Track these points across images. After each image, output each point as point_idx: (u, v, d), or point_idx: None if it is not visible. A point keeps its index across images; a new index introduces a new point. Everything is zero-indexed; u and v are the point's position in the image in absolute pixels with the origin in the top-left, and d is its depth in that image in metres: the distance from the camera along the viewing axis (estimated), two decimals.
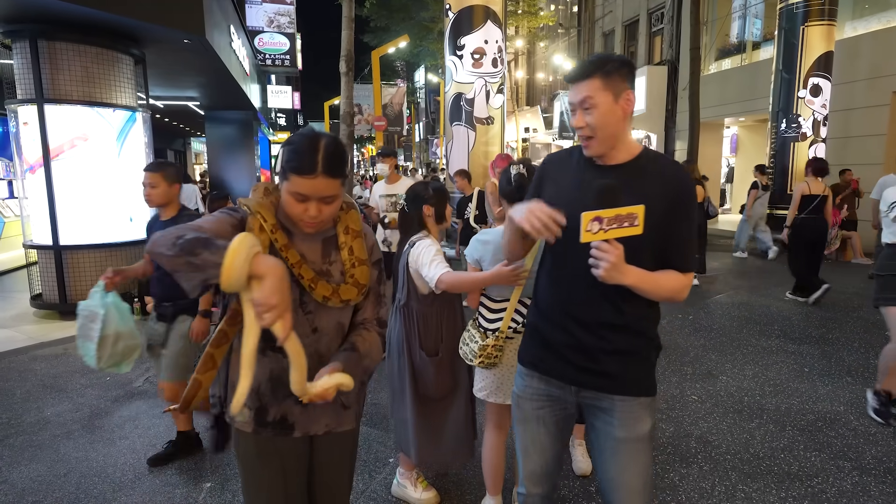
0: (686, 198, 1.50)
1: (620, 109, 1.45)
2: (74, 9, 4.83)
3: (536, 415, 1.63)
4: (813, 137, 8.85)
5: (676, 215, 1.46)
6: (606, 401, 1.51)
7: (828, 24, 8.67)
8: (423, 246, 2.29)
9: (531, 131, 23.40)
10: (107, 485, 2.73)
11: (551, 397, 1.60)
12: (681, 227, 1.48)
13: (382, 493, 2.62)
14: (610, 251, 1.35)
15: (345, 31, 10.25)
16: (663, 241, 1.46)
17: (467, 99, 8.35)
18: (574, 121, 1.50)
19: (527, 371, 1.65)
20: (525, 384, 1.66)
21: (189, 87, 9.78)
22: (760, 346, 4.67)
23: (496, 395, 2.21)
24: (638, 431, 1.50)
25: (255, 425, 1.45)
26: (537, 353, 1.62)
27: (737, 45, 13.61)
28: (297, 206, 1.34)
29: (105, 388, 3.98)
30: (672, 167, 1.53)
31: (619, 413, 1.50)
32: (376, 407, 3.55)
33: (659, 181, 1.47)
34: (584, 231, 1.34)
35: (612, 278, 1.37)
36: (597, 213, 1.34)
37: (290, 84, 21.56)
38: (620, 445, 1.50)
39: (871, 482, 2.66)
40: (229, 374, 1.46)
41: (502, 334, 2.13)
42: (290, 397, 1.44)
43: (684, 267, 1.49)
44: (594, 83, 1.44)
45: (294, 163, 1.31)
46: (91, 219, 5.59)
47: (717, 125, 13.83)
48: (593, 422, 1.57)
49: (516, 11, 18.52)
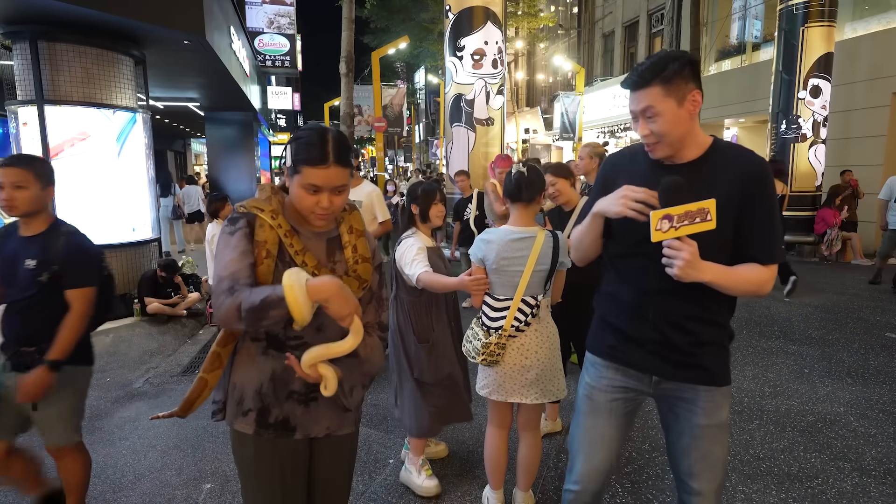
0: (762, 185, 1.43)
1: (686, 112, 1.40)
2: (75, 10, 4.83)
3: (609, 406, 1.62)
4: (813, 138, 8.84)
5: (753, 204, 1.41)
6: (690, 391, 1.53)
7: (828, 26, 8.67)
8: (406, 245, 2.47)
9: (531, 132, 23.42)
10: (106, 486, 2.73)
11: (627, 388, 1.61)
12: (758, 217, 1.41)
13: (382, 494, 2.62)
14: (683, 248, 1.33)
15: (345, 32, 10.28)
16: (741, 233, 1.42)
17: (467, 100, 8.35)
18: (637, 128, 1.45)
19: (604, 362, 1.64)
20: (600, 374, 1.64)
21: (189, 88, 9.78)
22: (760, 347, 4.67)
23: (498, 393, 2.23)
24: (720, 418, 1.53)
25: (256, 427, 1.44)
26: (616, 345, 1.60)
27: (737, 46, 13.61)
28: (310, 198, 1.36)
29: (105, 389, 3.98)
30: (745, 155, 1.47)
31: (703, 402, 1.52)
32: (376, 408, 3.55)
33: (732, 172, 1.42)
34: (654, 230, 1.33)
35: (689, 276, 1.34)
36: (666, 210, 1.32)
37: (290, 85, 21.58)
38: (703, 431, 1.52)
39: (871, 483, 2.66)
40: (231, 377, 1.46)
41: (505, 332, 2.14)
42: (291, 398, 1.45)
43: (766, 258, 1.43)
44: (654, 91, 1.38)
45: (306, 154, 1.34)
46: (91, 220, 5.59)
47: (717, 126, 13.82)
48: (675, 410, 1.58)
49: (516, 13, 18.53)
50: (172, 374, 4.25)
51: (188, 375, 4.24)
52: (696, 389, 1.52)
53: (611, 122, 15.55)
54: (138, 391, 3.94)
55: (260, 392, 1.44)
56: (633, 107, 1.45)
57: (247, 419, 1.44)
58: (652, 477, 2.73)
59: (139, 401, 3.77)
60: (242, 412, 1.45)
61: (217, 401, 1.49)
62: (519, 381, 2.19)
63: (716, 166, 1.44)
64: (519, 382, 2.20)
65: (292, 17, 17.35)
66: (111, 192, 5.68)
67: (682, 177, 1.38)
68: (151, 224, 6.21)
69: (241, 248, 1.35)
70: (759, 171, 1.44)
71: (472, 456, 2.92)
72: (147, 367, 4.43)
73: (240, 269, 1.32)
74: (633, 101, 1.43)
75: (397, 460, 2.91)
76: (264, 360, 1.43)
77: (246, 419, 1.44)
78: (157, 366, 4.46)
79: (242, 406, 1.45)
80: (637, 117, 1.44)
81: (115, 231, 5.76)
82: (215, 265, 1.38)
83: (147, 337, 5.11)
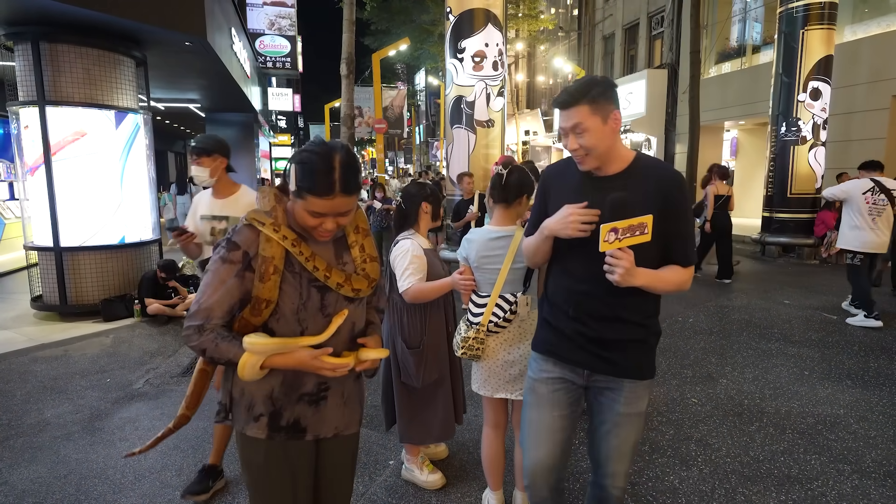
0: (680, 197, 1.62)
1: (609, 129, 1.58)
2: (76, 11, 4.84)
3: (552, 397, 1.77)
4: (813, 141, 8.85)
5: (671, 215, 1.58)
6: (616, 383, 1.69)
7: (827, 28, 8.68)
8: (401, 250, 2.44)
9: (531, 134, 23.43)
10: (107, 486, 2.73)
11: (564, 379, 1.76)
12: (676, 226, 1.60)
13: (383, 495, 2.62)
14: (623, 258, 1.49)
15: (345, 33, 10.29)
16: (665, 240, 1.59)
17: (468, 102, 8.35)
18: (567, 143, 1.60)
19: (542, 357, 1.80)
20: (541, 368, 1.80)
21: (190, 90, 9.79)
22: (760, 349, 4.67)
23: (485, 388, 2.30)
24: (639, 407, 1.71)
25: (268, 431, 1.44)
26: (553, 342, 1.76)
27: (737, 48, 13.63)
28: (313, 220, 1.36)
29: (105, 389, 3.98)
30: (664, 168, 1.67)
31: (626, 393, 1.68)
32: (376, 410, 3.55)
33: (652, 183, 1.60)
34: (603, 241, 1.49)
35: (627, 282, 1.51)
36: (613, 224, 1.48)
37: (290, 86, 21.63)
38: (622, 419, 1.69)
39: (871, 485, 2.66)
40: (238, 384, 1.45)
41: (482, 327, 2.19)
42: (302, 400, 1.46)
43: (685, 261, 1.63)
44: (582, 110, 1.55)
45: (310, 183, 1.30)
46: (92, 221, 5.59)
47: (718, 128, 13.84)
48: (600, 398, 1.74)
49: (517, 15, 18.55)
50: (172, 375, 4.25)
51: (188, 376, 4.24)
52: (621, 382, 1.68)
53: None
54: (138, 392, 3.94)
55: (271, 396, 1.44)
56: (563, 124, 1.60)
57: (258, 424, 1.44)
58: (652, 479, 2.73)
59: (139, 401, 3.77)
60: (253, 417, 1.44)
61: (221, 403, 1.51)
62: (503, 376, 2.24)
63: (637, 178, 1.61)
64: (503, 378, 2.24)
65: (293, 18, 17.39)
66: (112, 194, 5.69)
67: (612, 187, 1.58)
68: (151, 225, 6.22)
69: (227, 283, 1.37)
70: (676, 183, 1.61)
71: (471, 457, 2.92)
72: (147, 368, 4.43)
73: (216, 306, 1.37)
74: (564, 119, 1.59)
75: (397, 461, 2.91)
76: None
77: (258, 424, 1.44)
78: (158, 367, 4.46)
79: (253, 411, 1.44)
80: (567, 133, 1.59)
81: (116, 232, 5.76)
82: (203, 282, 1.41)
83: (147, 338, 5.11)
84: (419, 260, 2.41)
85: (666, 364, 4.33)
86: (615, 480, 1.73)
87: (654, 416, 3.40)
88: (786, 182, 9.13)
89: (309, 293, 1.41)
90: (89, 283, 5.63)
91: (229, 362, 1.36)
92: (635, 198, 1.55)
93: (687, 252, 1.63)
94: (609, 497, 1.75)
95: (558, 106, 1.60)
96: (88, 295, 5.62)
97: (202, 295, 1.37)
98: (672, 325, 5.39)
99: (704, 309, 6.02)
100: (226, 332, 1.37)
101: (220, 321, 1.37)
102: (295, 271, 1.40)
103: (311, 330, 1.43)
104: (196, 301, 1.38)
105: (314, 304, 1.43)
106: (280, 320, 1.41)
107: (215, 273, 1.38)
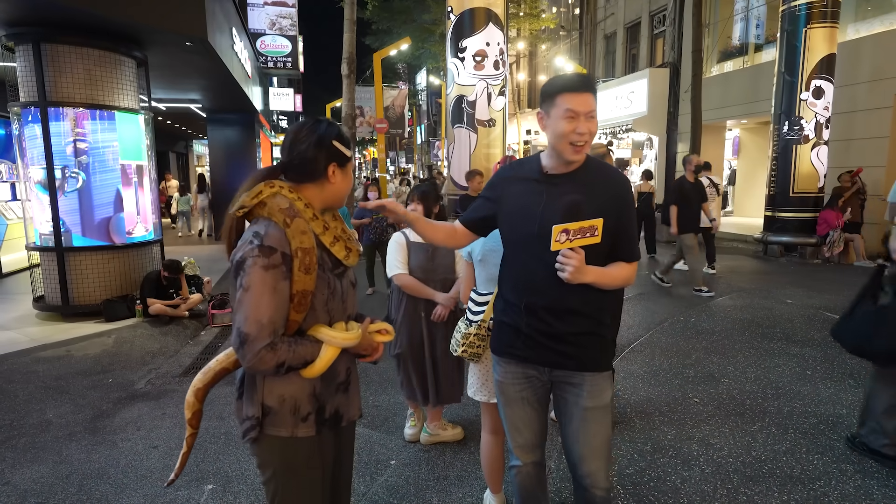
0: (628, 198, 1.74)
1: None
2: (77, 11, 4.85)
3: (520, 396, 1.83)
4: (815, 140, 8.82)
5: (621, 214, 1.69)
6: (577, 377, 1.74)
7: (830, 27, 8.65)
8: (393, 242, 2.91)
9: (533, 133, 23.41)
10: (109, 486, 2.74)
11: (528, 377, 1.81)
12: (623, 225, 1.70)
13: (384, 495, 2.62)
14: (573, 257, 1.58)
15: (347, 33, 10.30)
16: (613, 238, 1.68)
17: (469, 101, 8.35)
18: (579, 127, 1.62)
19: (503, 359, 1.85)
20: (505, 371, 1.85)
21: (191, 90, 9.79)
22: (763, 348, 4.66)
23: (481, 393, 2.32)
24: (603, 400, 1.76)
25: (316, 426, 1.44)
26: (511, 342, 1.80)
27: (739, 47, 13.59)
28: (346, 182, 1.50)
29: (107, 390, 3.99)
30: (612, 171, 1.77)
31: (588, 386, 1.73)
32: (377, 409, 3.55)
33: (605, 184, 1.70)
34: (554, 241, 1.57)
35: (576, 279, 1.59)
36: (565, 225, 1.56)
37: (291, 86, 21.60)
38: (588, 413, 1.74)
39: (874, 485, 2.65)
40: (274, 391, 1.42)
41: (484, 324, 2.20)
42: (339, 391, 1.50)
43: (630, 257, 1.74)
44: (594, 98, 1.65)
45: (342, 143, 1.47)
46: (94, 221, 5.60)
47: (719, 127, 13.80)
48: (564, 395, 1.79)
49: (518, 14, 18.52)
50: (174, 375, 4.25)
51: (190, 376, 4.24)
52: (583, 375, 1.74)
53: (612, 123, 15.52)
54: (140, 392, 3.95)
55: (314, 394, 1.44)
56: (582, 108, 1.62)
57: (307, 423, 1.43)
58: (654, 479, 2.73)
59: (141, 402, 3.78)
60: (301, 418, 1.42)
61: (250, 417, 1.42)
62: None
63: (589, 179, 1.70)
64: None
65: (294, 18, 17.37)
66: (114, 194, 5.69)
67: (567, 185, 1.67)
68: (153, 225, 6.22)
69: (279, 289, 1.32)
70: (623, 185, 1.73)
71: (472, 457, 2.92)
72: (149, 368, 4.44)
73: (277, 317, 1.33)
74: (584, 102, 1.62)
75: (399, 461, 2.92)
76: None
77: (307, 423, 1.43)
78: (159, 367, 4.47)
79: (300, 413, 1.42)
80: (578, 116, 1.61)
81: (118, 232, 5.77)
82: (249, 299, 1.29)
83: (149, 338, 5.12)
84: (398, 247, 2.86)
85: (668, 363, 4.32)
86: (595, 480, 1.75)
87: (656, 415, 3.40)
88: (788, 181, 9.10)
89: (333, 282, 1.45)
90: (91, 284, 5.63)
91: (305, 364, 1.37)
92: (588, 200, 1.64)
93: (633, 250, 1.74)
94: (593, 499, 1.76)
95: (582, 88, 1.62)
96: (90, 295, 5.63)
97: (257, 311, 1.28)
98: (674, 325, 5.38)
99: (706, 308, 6.01)
100: (292, 338, 1.36)
101: (282, 330, 1.35)
102: (320, 262, 1.42)
103: (336, 318, 1.46)
104: (254, 321, 1.28)
105: (338, 292, 1.47)
106: (310, 313, 1.42)
107: (262, 283, 1.30)
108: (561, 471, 2.79)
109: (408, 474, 2.80)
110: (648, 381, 3.94)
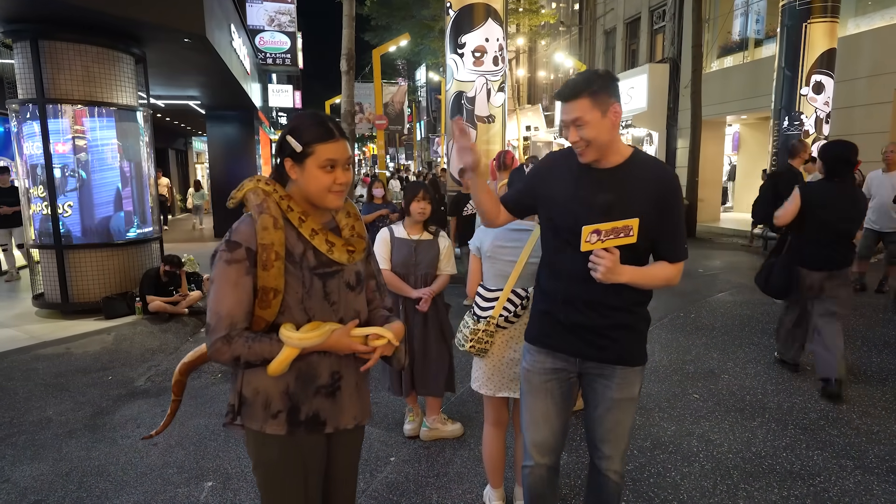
0: (672, 195, 1.67)
1: (609, 122, 1.61)
2: (75, 8, 4.82)
3: (545, 387, 1.82)
4: (815, 135, 8.80)
5: (665, 212, 1.63)
6: (609, 369, 1.74)
7: (830, 21, 8.61)
8: (378, 237, 2.95)
9: (532, 129, 23.35)
10: (108, 483, 2.74)
11: (557, 370, 1.80)
12: (669, 223, 1.65)
13: (384, 491, 2.62)
14: (606, 257, 1.54)
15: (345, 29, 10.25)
16: (655, 236, 1.64)
17: (468, 97, 8.32)
18: (568, 135, 1.63)
19: (535, 347, 1.84)
20: (534, 359, 1.84)
21: (190, 87, 9.77)
22: (762, 344, 4.65)
23: (486, 387, 2.29)
24: (632, 393, 1.76)
25: (288, 427, 1.43)
26: (545, 331, 1.80)
27: (739, 42, 13.55)
28: (327, 177, 1.39)
29: (107, 387, 3.99)
30: (659, 168, 1.71)
31: (618, 379, 1.74)
32: (376, 406, 3.55)
33: (647, 180, 1.64)
34: (584, 242, 1.54)
35: (608, 279, 1.56)
36: (595, 226, 1.52)
37: (291, 83, 21.53)
38: (616, 404, 1.75)
39: (874, 481, 2.65)
40: (251, 383, 1.44)
41: (493, 320, 2.19)
42: (319, 393, 1.46)
43: (674, 258, 1.68)
44: (583, 103, 1.58)
45: (314, 134, 1.38)
46: (93, 219, 5.59)
47: (719, 123, 13.77)
48: (593, 385, 1.79)
49: (517, 9, 18.46)
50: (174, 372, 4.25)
51: None
52: (614, 368, 1.73)
53: None
54: (140, 389, 3.95)
55: (288, 392, 1.43)
56: (564, 117, 1.62)
57: (277, 420, 1.43)
58: (654, 475, 2.73)
59: (141, 399, 3.78)
60: (272, 415, 1.43)
61: (230, 404, 1.47)
62: (507, 374, 2.23)
63: (634, 173, 1.65)
64: (507, 376, 2.23)
65: (293, 14, 17.33)
66: (113, 192, 5.69)
67: (606, 180, 1.63)
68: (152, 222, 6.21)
69: (240, 284, 1.35)
70: (670, 182, 1.67)
71: (472, 454, 2.93)
72: (149, 365, 4.44)
73: (236, 310, 1.35)
74: (565, 112, 1.61)
75: (398, 458, 2.92)
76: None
77: (276, 421, 1.43)
78: (159, 364, 4.47)
79: (271, 409, 1.43)
80: (568, 125, 1.62)
81: (117, 230, 5.76)
82: (212, 292, 1.36)
83: (148, 335, 5.12)
84: (382, 243, 2.93)
85: (667, 359, 4.32)
86: (610, 464, 1.78)
87: (656, 411, 3.40)
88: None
89: (311, 281, 1.42)
90: (90, 281, 5.63)
91: (265, 362, 1.35)
92: (627, 197, 1.60)
93: (676, 249, 1.68)
94: (606, 481, 1.79)
95: (560, 99, 1.64)
96: (90, 292, 5.63)
97: (218, 304, 1.34)
98: (674, 321, 5.38)
99: (706, 304, 6.01)
100: (252, 334, 1.36)
101: (243, 325, 1.36)
102: (295, 261, 1.40)
103: (319, 318, 1.43)
104: (214, 312, 1.34)
105: (318, 292, 1.43)
106: (285, 312, 1.41)
107: (224, 278, 1.35)
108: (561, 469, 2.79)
109: (407, 471, 2.80)
110: (648, 377, 3.94)
